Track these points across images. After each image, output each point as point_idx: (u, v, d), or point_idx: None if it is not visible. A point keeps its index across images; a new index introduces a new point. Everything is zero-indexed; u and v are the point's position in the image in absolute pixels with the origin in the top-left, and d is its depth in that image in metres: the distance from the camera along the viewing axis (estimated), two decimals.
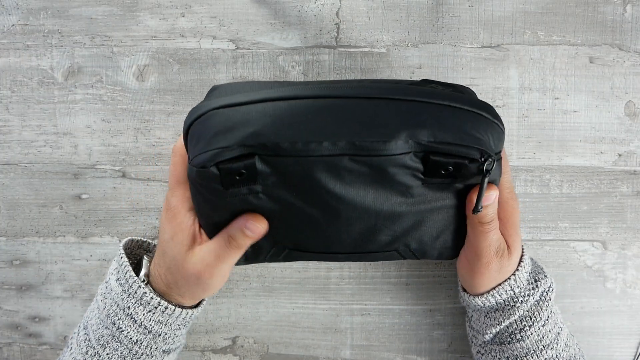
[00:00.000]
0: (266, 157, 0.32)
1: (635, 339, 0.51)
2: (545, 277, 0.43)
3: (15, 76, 0.50)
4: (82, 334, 0.42)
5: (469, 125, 0.33)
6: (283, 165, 0.32)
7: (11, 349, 0.52)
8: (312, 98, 0.33)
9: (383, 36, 0.49)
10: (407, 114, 0.33)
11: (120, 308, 0.40)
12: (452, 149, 0.32)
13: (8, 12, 0.50)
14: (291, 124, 0.31)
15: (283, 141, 0.31)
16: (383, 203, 0.35)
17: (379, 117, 0.32)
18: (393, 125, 0.32)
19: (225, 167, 0.32)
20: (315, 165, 0.32)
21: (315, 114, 0.32)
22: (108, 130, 0.50)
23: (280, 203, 0.35)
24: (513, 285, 0.41)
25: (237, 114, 0.32)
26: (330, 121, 0.32)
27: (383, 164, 0.33)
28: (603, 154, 0.50)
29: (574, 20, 0.49)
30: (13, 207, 0.51)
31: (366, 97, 0.33)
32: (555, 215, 0.50)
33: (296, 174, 0.33)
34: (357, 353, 0.51)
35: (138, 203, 0.51)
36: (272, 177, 0.34)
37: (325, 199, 0.34)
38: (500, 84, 0.49)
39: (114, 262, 0.42)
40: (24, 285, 0.52)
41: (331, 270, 0.51)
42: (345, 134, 0.31)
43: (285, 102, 0.32)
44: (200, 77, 0.50)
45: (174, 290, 0.40)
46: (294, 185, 0.34)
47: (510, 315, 0.42)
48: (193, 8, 0.49)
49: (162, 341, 0.42)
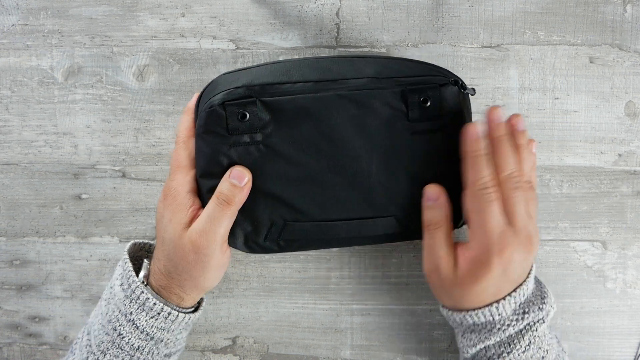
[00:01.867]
0: (265, 99, 0.39)
1: (635, 339, 0.51)
2: (539, 310, 0.40)
3: (15, 76, 0.50)
4: (85, 339, 0.41)
5: (427, 68, 0.41)
6: (279, 105, 0.39)
7: (11, 349, 0.52)
8: (297, 61, 0.41)
9: (383, 36, 0.49)
10: (374, 64, 0.40)
11: (122, 314, 0.39)
12: (419, 80, 0.39)
13: (8, 12, 0.50)
14: (283, 74, 0.39)
15: (277, 81, 0.39)
16: (374, 150, 0.40)
17: (347, 64, 0.41)
18: (361, 67, 0.40)
19: (231, 108, 0.38)
20: (305, 102, 0.39)
21: (298, 68, 0.40)
22: (108, 130, 0.50)
23: (278, 155, 0.39)
24: (494, 312, 0.39)
25: (242, 73, 0.40)
26: (307, 71, 0.40)
27: (364, 97, 0.39)
28: (603, 154, 0.50)
29: (574, 20, 0.49)
30: (13, 207, 0.51)
31: (336, 57, 0.42)
32: (555, 215, 0.50)
33: (290, 115, 0.39)
34: (357, 353, 0.51)
35: (138, 203, 0.51)
36: (270, 125, 0.39)
37: (317, 142, 0.39)
38: (500, 84, 0.49)
39: (118, 267, 0.42)
40: (24, 285, 0.52)
41: (331, 270, 0.51)
42: (316, 75, 0.40)
43: (278, 64, 0.41)
44: (200, 77, 0.50)
45: (175, 280, 0.40)
46: (289, 130, 0.39)
47: (486, 339, 0.40)
48: (193, 8, 0.49)
49: (164, 346, 0.41)
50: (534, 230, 0.38)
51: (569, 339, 0.51)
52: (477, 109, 0.49)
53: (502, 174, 0.38)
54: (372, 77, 0.39)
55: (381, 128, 0.40)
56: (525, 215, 0.38)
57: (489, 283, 0.38)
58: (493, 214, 0.37)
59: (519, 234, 0.37)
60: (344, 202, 0.40)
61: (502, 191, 0.38)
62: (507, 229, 0.37)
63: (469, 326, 0.41)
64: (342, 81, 0.39)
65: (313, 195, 0.40)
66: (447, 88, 0.40)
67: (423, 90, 0.39)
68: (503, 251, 0.37)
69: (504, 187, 0.38)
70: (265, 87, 0.39)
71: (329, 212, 0.40)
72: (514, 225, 0.37)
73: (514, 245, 0.37)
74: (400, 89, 0.39)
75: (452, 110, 0.40)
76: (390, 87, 0.39)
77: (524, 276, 0.40)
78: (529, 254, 0.38)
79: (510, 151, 0.38)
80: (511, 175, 0.38)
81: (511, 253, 0.37)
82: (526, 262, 0.38)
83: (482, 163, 0.38)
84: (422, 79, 0.40)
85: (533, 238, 0.38)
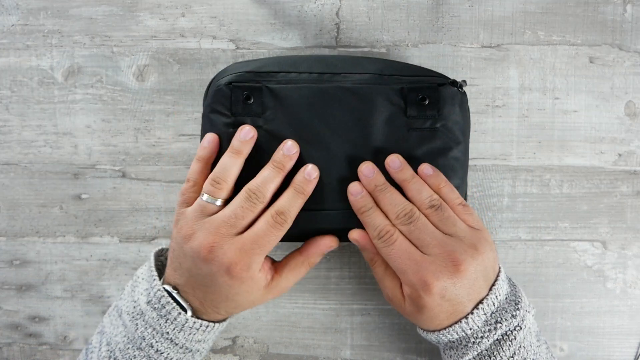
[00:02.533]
0: (271, 85, 0.41)
1: (635, 339, 0.51)
2: (512, 317, 0.38)
3: (15, 76, 0.50)
4: (105, 350, 0.40)
5: (427, 70, 0.42)
6: (283, 92, 0.41)
7: (11, 349, 0.52)
8: (305, 55, 0.43)
9: (383, 36, 0.49)
10: (378, 62, 0.42)
11: (157, 332, 0.38)
12: (419, 79, 0.41)
13: (8, 12, 0.50)
14: (290, 64, 0.42)
15: (283, 70, 0.41)
16: (371, 143, 0.41)
17: (352, 61, 0.43)
18: (365, 64, 0.42)
19: (237, 89, 0.40)
20: (309, 92, 0.41)
21: (305, 61, 0.42)
22: (108, 130, 0.50)
23: (278, 141, 0.40)
24: (464, 327, 0.38)
25: (251, 62, 0.42)
26: (313, 63, 0.42)
27: (366, 92, 0.41)
28: (603, 154, 0.50)
29: (574, 20, 0.49)
30: (13, 207, 0.51)
31: (342, 56, 0.45)
32: (555, 215, 0.50)
33: (294, 103, 0.41)
34: (357, 353, 0.51)
35: (138, 203, 0.51)
36: (273, 111, 0.41)
37: (317, 132, 0.41)
38: (500, 84, 0.49)
39: (143, 281, 0.40)
40: (24, 285, 0.52)
41: (331, 270, 0.51)
42: (321, 68, 0.42)
43: (287, 57, 0.43)
44: (200, 77, 0.50)
45: (210, 306, 0.40)
46: (291, 118, 0.41)
47: (464, 354, 0.39)
48: (193, 8, 0.49)
49: (199, 355, 0.42)
50: (457, 247, 0.38)
51: (569, 339, 0.51)
52: (477, 108, 0.49)
53: (392, 219, 0.39)
54: (375, 73, 0.41)
55: (380, 122, 0.41)
56: (434, 240, 0.38)
57: (435, 311, 0.38)
58: (399, 253, 0.38)
59: (435, 259, 0.37)
60: (339, 192, 0.41)
61: (401, 230, 0.39)
62: (422, 259, 0.38)
63: (447, 344, 0.41)
64: (346, 75, 0.41)
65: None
66: (446, 88, 0.41)
67: (422, 89, 0.41)
68: (426, 283, 0.37)
69: (400, 228, 0.39)
70: (271, 74, 0.41)
71: (323, 201, 0.41)
72: (428, 253, 0.38)
73: (435, 272, 0.37)
74: (400, 87, 0.41)
75: (449, 109, 0.41)
76: (391, 84, 0.41)
77: (483, 287, 0.39)
78: (456, 273, 0.37)
79: (389, 196, 0.40)
80: (400, 215, 0.39)
81: (436, 280, 0.37)
82: (462, 280, 0.38)
83: (370, 216, 0.40)
84: (422, 78, 0.41)
85: (456, 255, 0.37)
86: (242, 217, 0.38)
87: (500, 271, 0.41)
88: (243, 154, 0.40)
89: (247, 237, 0.38)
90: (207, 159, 0.41)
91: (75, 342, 0.52)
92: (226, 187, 0.39)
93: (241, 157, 0.40)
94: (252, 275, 0.38)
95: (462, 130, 0.42)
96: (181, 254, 0.39)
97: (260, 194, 0.38)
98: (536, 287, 0.50)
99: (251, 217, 0.38)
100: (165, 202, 0.51)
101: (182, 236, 0.39)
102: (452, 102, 0.41)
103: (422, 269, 0.37)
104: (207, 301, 0.39)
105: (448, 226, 0.39)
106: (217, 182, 0.39)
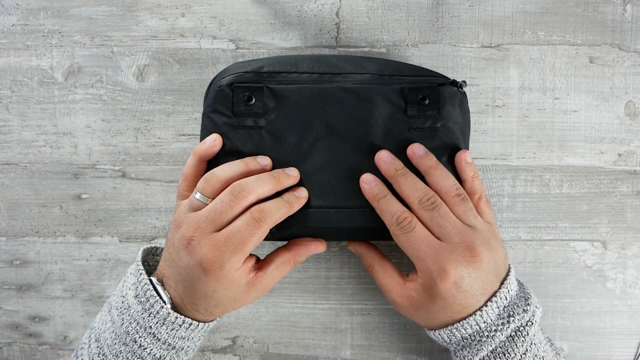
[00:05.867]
0: (272, 86, 0.41)
1: (635, 339, 0.51)
2: (524, 312, 0.39)
3: (15, 76, 0.50)
4: (94, 347, 0.40)
5: (427, 71, 0.42)
6: (284, 93, 0.41)
7: (11, 349, 0.52)
8: (306, 55, 0.43)
9: (383, 36, 0.49)
10: (378, 63, 0.42)
11: (141, 327, 0.39)
12: (419, 79, 0.41)
13: (8, 12, 0.50)
14: (291, 64, 0.42)
15: (284, 70, 0.41)
16: (371, 142, 0.41)
17: (352, 62, 0.43)
18: (365, 64, 0.42)
19: (239, 90, 0.41)
20: (309, 92, 0.41)
21: (306, 61, 0.42)
22: (108, 130, 0.50)
23: (280, 142, 0.41)
24: (479, 320, 0.38)
25: (252, 62, 0.42)
26: (314, 63, 0.42)
27: (366, 92, 0.41)
28: (603, 154, 0.50)
29: (574, 20, 0.49)
30: (13, 207, 0.51)
31: (342, 55, 0.44)
32: (555, 215, 0.50)
33: (295, 103, 0.41)
34: (357, 353, 0.51)
35: (138, 203, 0.51)
36: (274, 111, 0.41)
37: (318, 132, 0.41)
38: (500, 84, 0.49)
39: (131, 276, 0.41)
40: (24, 285, 0.52)
41: (331, 270, 0.51)
42: (322, 68, 0.42)
43: (287, 56, 0.43)
44: (200, 77, 0.50)
45: (201, 306, 0.40)
46: (292, 118, 0.41)
47: (478, 351, 0.39)
48: (193, 8, 0.49)
49: (184, 354, 0.41)
50: (475, 238, 0.38)
51: (569, 339, 0.51)
52: (477, 108, 0.49)
53: (412, 204, 0.39)
54: (375, 73, 0.41)
55: (380, 122, 0.41)
56: (455, 228, 0.38)
57: (448, 301, 0.38)
58: (418, 240, 0.38)
59: (455, 248, 0.37)
60: (339, 191, 0.41)
61: (420, 218, 0.39)
62: (441, 247, 0.38)
63: (459, 342, 0.40)
64: (346, 75, 0.41)
65: (309, 182, 0.41)
66: (446, 88, 0.41)
67: (422, 89, 0.41)
68: (445, 270, 0.37)
69: (419, 214, 0.39)
70: (272, 75, 0.41)
71: (322, 200, 0.41)
72: (447, 241, 0.38)
73: (454, 261, 0.37)
74: (400, 87, 0.41)
75: (449, 109, 0.41)
76: (391, 84, 0.41)
77: (494, 281, 0.39)
78: (473, 263, 0.37)
79: (411, 181, 0.40)
80: (421, 201, 0.39)
81: (454, 269, 0.37)
82: (478, 272, 0.38)
83: (387, 202, 0.39)
84: (422, 78, 0.42)
85: (475, 246, 0.38)
86: (221, 212, 0.38)
87: (511, 268, 0.41)
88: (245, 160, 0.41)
89: (222, 234, 0.37)
90: (203, 156, 0.41)
91: (75, 342, 0.52)
92: (218, 186, 0.39)
93: (242, 162, 0.40)
94: (226, 274, 0.37)
95: (462, 130, 0.42)
96: (171, 244, 0.39)
97: (244, 191, 0.38)
98: (536, 287, 0.50)
99: (231, 213, 0.38)
100: (165, 202, 0.51)
101: (173, 225, 0.39)
102: (452, 102, 0.42)
103: (441, 256, 0.37)
104: (186, 297, 0.39)
105: (470, 217, 0.39)
106: (209, 180, 0.39)
